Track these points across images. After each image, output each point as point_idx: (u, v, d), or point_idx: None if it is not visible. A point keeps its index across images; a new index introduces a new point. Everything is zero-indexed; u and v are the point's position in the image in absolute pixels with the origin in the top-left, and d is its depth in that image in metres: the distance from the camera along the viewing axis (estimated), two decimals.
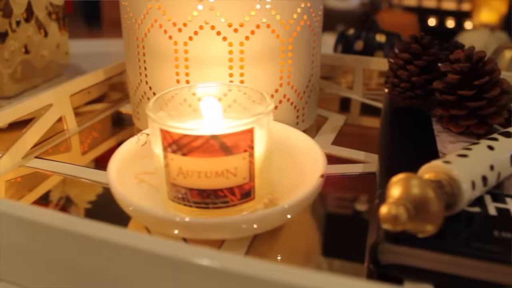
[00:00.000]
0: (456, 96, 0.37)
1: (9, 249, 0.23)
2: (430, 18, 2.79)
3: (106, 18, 2.94)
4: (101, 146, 0.44)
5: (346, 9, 2.45)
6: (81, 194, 0.36)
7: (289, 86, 0.38)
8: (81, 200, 0.35)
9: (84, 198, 0.36)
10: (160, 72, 0.37)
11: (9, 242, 0.23)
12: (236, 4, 0.34)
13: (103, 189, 0.35)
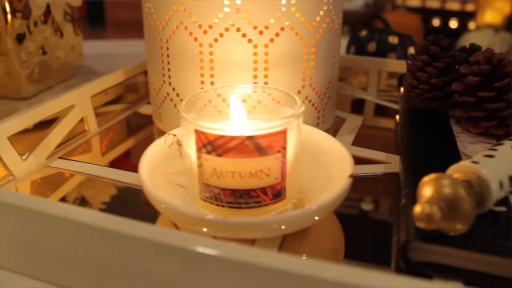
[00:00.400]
0: (476, 97, 0.38)
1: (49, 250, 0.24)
2: (434, 19, 2.80)
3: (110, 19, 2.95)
4: (122, 146, 0.45)
5: (350, 10, 2.46)
6: (104, 194, 0.37)
7: (311, 88, 0.39)
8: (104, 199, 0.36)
9: (107, 197, 0.36)
10: (185, 74, 0.37)
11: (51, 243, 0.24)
12: (262, 7, 0.34)
13: (125, 189, 0.36)
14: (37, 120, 0.39)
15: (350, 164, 0.30)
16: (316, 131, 0.34)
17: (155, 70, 0.40)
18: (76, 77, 0.69)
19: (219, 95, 0.32)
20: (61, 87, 0.65)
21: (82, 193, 0.37)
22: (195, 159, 0.27)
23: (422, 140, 0.37)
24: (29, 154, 0.38)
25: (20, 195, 0.25)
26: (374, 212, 0.36)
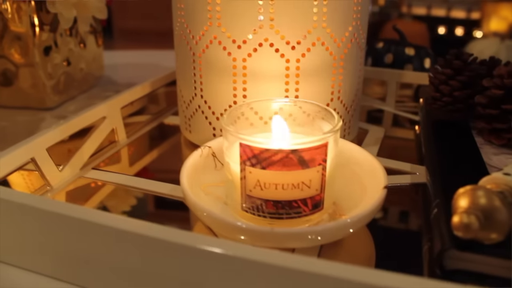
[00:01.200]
0: (499, 110, 0.39)
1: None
2: (440, 27, 2.81)
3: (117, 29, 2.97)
4: (150, 156, 0.46)
5: None
6: (140, 205, 0.38)
7: (338, 101, 0.40)
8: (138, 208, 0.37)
9: (143, 207, 0.37)
10: (217, 87, 0.39)
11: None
12: (295, 23, 0.36)
13: (159, 198, 0.37)
14: (72, 131, 0.40)
15: (383, 176, 0.31)
16: (348, 144, 0.35)
17: (186, 82, 0.42)
18: (96, 87, 0.71)
19: (253, 110, 0.33)
20: (83, 97, 0.66)
21: (114, 202, 0.38)
22: (238, 171, 0.28)
23: (447, 151, 0.38)
24: (65, 165, 0.39)
25: (59, 203, 0.26)
26: (399, 221, 0.37)
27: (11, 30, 0.57)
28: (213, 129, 0.41)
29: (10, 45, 0.57)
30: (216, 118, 0.40)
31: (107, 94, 0.67)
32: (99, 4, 0.56)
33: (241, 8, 0.36)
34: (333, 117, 0.30)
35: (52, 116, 0.59)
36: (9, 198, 0.27)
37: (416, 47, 0.65)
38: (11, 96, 0.60)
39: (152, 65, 0.85)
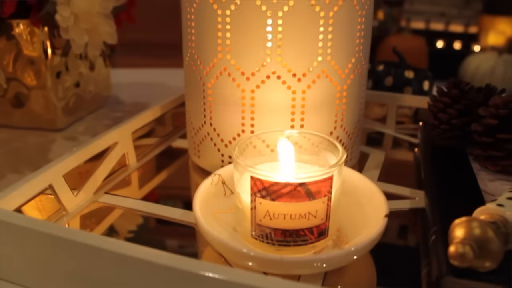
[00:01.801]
0: (494, 138, 0.41)
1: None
2: (438, 41, 2.85)
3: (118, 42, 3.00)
4: (160, 179, 0.48)
5: None
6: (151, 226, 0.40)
7: (341, 129, 0.42)
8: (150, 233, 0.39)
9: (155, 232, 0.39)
10: (226, 116, 0.41)
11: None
12: (301, 56, 0.38)
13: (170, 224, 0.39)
14: (87, 157, 0.42)
15: (384, 204, 0.33)
16: (351, 172, 0.37)
17: (196, 110, 0.44)
18: (104, 108, 0.73)
19: (261, 139, 0.35)
20: (91, 117, 0.68)
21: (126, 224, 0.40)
22: (248, 201, 0.30)
23: (445, 177, 0.40)
24: (79, 190, 0.41)
25: (75, 231, 0.28)
26: (400, 245, 0.39)
27: (24, 54, 0.59)
28: (221, 155, 0.43)
29: (23, 69, 0.59)
30: (225, 145, 0.42)
31: (116, 115, 0.69)
32: (110, 30, 0.58)
33: (250, 42, 0.38)
34: (337, 149, 0.32)
35: (62, 137, 0.61)
36: (28, 226, 0.29)
37: (415, 70, 0.67)
38: (23, 117, 0.62)
39: (158, 84, 0.87)
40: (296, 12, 0.37)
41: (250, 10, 0.37)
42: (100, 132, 0.62)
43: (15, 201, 0.35)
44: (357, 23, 0.40)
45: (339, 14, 0.38)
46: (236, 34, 0.38)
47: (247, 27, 0.37)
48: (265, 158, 0.36)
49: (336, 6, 0.38)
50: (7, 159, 0.55)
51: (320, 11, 0.37)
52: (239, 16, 0.37)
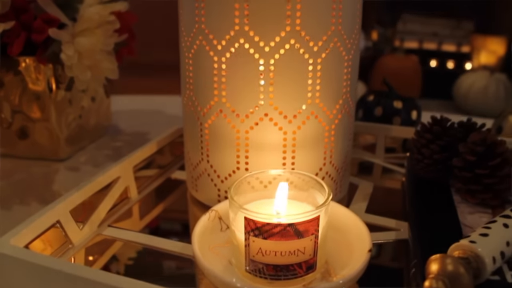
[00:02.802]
0: (473, 173, 0.44)
1: None
2: (432, 60, 2.89)
3: None
4: (160, 211, 0.51)
5: None
6: (151, 257, 0.42)
7: (330, 165, 0.45)
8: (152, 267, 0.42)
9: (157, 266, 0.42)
10: (222, 154, 0.44)
11: None
12: (291, 100, 0.41)
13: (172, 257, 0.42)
14: (91, 193, 0.45)
15: (368, 239, 0.36)
16: (338, 207, 0.40)
17: (194, 147, 0.46)
18: (105, 137, 0.75)
19: (256, 178, 0.38)
20: (93, 147, 0.71)
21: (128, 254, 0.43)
22: (242, 239, 0.33)
23: (428, 210, 0.43)
24: (84, 223, 0.44)
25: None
26: (384, 275, 0.42)
27: (30, 89, 0.62)
28: (218, 190, 0.45)
29: (29, 102, 0.62)
30: (221, 181, 0.45)
31: (116, 145, 0.72)
32: (111, 66, 0.61)
33: (244, 86, 0.41)
34: (324, 190, 0.35)
35: (65, 168, 0.64)
36: (41, 263, 0.31)
37: (404, 100, 0.70)
38: (27, 148, 0.65)
39: (156, 112, 0.90)
40: (287, 60, 0.40)
41: (244, 58, 0.40)
42: (101, 163, 0.65)
43: (25, 237, 0.37)
44: (343, 67, 0.43)
45: (327, 60, 0.41)
46: (231, 79, 0.41)
47: (241, 73, 0.40)
48: (259, 194, 0.39)
49: (323, 53, 0.41)
50: (12, 190, 0.58)
51: (309, 58, 0.40)
52: (234, 63, 0.41)
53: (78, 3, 0.60)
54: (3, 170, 0.63)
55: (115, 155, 0.68)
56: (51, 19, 0.57)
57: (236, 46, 0.40)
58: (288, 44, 0.39)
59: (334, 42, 0.41)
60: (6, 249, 0.34)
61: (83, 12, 0.58)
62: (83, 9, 0.58)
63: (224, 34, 0.40)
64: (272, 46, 0.39)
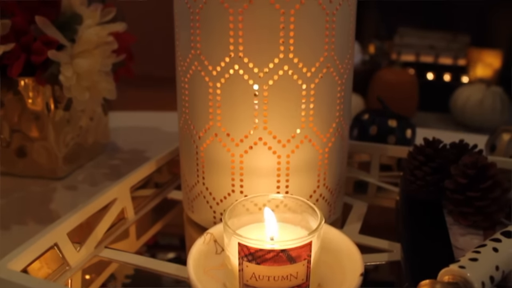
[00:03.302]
0: (464, 196, 0.44)
1: None
2: (428, 73, 2.91)
3: None
4: (156, 231, 0.51)
5: None
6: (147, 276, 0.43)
7: (324, 187, 0.46)
8: None
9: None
10: (217, 178, 0.44)
11: None
12: (285, 124, 0.42)
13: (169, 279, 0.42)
14: (88, 215, 0.45)
15: (360, 262, 0.36)
16: (330, 230, 0.41)
17: (190, 170, 0.47)
18: (103, 155, 0.76)
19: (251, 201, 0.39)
20: (90, 165, 0.72)
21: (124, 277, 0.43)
22: (236, 264, 0.34)
23: (420, 232, 0.44)
24: (81, 245, 0.44)
25: None
26: None
27: (29, 108, 0.62)
28: (213, 212, 0.46)
29: (27, 122, 0.63)
30: (216, 203, 0.45)
31: (113, 163, 0.73)
32: (109, 86, 0.62)
33: (239, 111, 0.42)
34: (317, 215, 0.36)
35: (63, 187, 0.64)
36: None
37: (398, 119, 0.71)
38: (26, 166, 0.66)
39: (153, 129, 0.91)
40: (280, 85, 0.41)
41: (239, 84, 0.41)
42: (99, 181, 0.66)
43: (23, 261, 0.38)
44: (337, 91, 0.44)
45: (320, 86, 0.42)
46: (226, 104, 0.42)
47: (236, 98, 0.41)
48: (253, 217, 0.39)
49: (316, 78, 0.42)
50: (11, 209, 0.58)
51: (302, 84, 0.41)
52: (229, 88, 0.41)
53: (77, 24, 0.61)
54: (1, 189, 0.63)
55: (113, 174, 0.69)
56: (50, 41, 0.58)
57: (231, 72, 0.41)
58: (281, 70, 0.40)
59: (327, 67, 0.42)
60: (3, 273, 0.35)
61: (81, 33, 0.59)
62: (81, 30, 0.59)
63: (219, 60, 0.41)
64: (266, 72, 0.40)
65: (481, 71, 2.89)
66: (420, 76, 2.81)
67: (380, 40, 2.83)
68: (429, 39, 2.92)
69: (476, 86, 2.68)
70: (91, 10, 0.65)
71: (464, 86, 2.72)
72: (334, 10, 0.41)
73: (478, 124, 2.61)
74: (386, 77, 2.50)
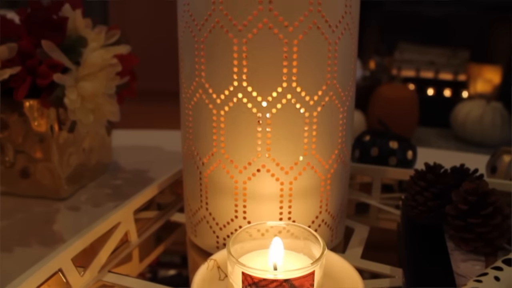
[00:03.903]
0: (465, 222, 0.45)
1: None
2: (429, 89, 2.92)
3: None
4: (160, 255, 0.52)
5: None
6: None
7: (326, 212, 0.46)
8: None
9: None
10: (221, 203, 0.45)
11: None
12: (288, 152, 0.42)
13: None
14: (92, 240, 0.46)
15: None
16: (332, 256, 0.41)
17: (193, 195, 0.47)
18: (105, 174, 0.76)
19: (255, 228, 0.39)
20: (93, 185, 0.72)
21: None
22: None
23: (421, 257, 0.44)
24: (85, 270, 0.44)
25: None
26: None
27: (33, 130, 0.63)
28: (216, 237, 0.46)
29: (31, 143, 0.64)
30: (220, 228, 0.46)
31: (116, 183, 0.73)
32: (113, 109, 0.62)
33: (242, 139, 0.42)
34: (319, 243, 0.36)
35: (66, 207, 0.65)
36: None
37: (399, 140, 0.72)
38: (29, 186, 0.66)
39: (154, 148, 0.91)
40: (283, 114, 0.41)
41: (242, 112, 0.41)
42: (101, 202, 0.66)
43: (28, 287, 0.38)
44: (339, 119, 0.44)
45: (322, 114, 0.43)
46: (229, 131, 0.42)
47: (239, 126, 0.42)
48: (257, 243, 0.40)
49: (319, 106, 0.42)
50: (14, 231, 0.59)
51: (305, 112, 0.42)
52: (233, 116, 0.42)
53: (81, 47, 0.62)
54: (4, 209, 0.64)
55: (115, 195, 0.69)
56: (56, 64, 0.59)
57: (235, 101, 0.41)
58: (284, 99, 0.41)
59: (330, 96, 0.43)
60: None
61: (86, 57, 0.60)
62: (86, 54, 0.60)
63: (223, 89, 0.41)
64: (269, 101, 0.41)
65: (481, 87, 2.91)
66: (420, 92, 2.82)
67: (380, 56, 2.85)
68: (429, 54, 2.93)
69: (476, 101, 2.69)
70: (96, 32, 0.65)
71: (464, 102, 2.74)
72: (336, 39, 0.42)
73: (479, 139, 2.62)
74: (386, 93, 2.51)
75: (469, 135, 2.60)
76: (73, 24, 0.62)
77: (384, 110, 2.41)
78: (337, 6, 0.42)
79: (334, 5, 0.41)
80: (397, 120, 2.47)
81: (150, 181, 0.73)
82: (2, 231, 0.59)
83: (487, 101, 2.61)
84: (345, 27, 0.43)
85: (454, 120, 2.67)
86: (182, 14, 0.44)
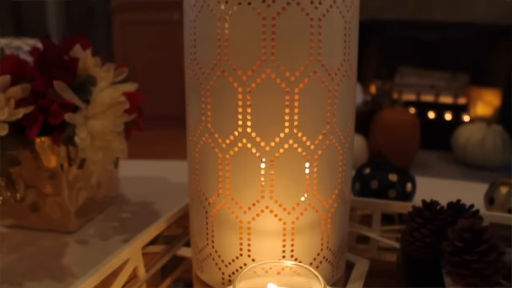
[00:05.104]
0: (461, 258, 0.46)
1: None
2: (429, 112, 2.95)
3: None
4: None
5: None
6: None
7: (327, 249, 0.48)
8: None
9: None
10: (226, 241, 0.47)
11: None
12: (290, 193, 0.44)
13: None
14: (102, 278, 0.47)
15: None
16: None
17: (200, 233, 0.49)
18: (112, 207, 0.78)
19: (259, 266, 0.41)
20: (100, 218, 0.74)
21: None
22: None
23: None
24: None
25: None
26: None
27: (44, 165, 0.65)
28: (222, 273, 0.48)
29: (42, 178, 0.66)
30: (225, 265, 0.48)
31: (123, 216, 0.75)
32: (121, 146, 0.65)
33: (246, 182, 0.44)
34: (320, 281, 0.38)
35: (74, 241, 0.67)
36: None
37: (399, 173, 0.74)
38: (38, 220, 0.68)
39: (160, 179, 0.94)
40: (285, 158, 0.43)
41: (247, 156, 0.44)
42: (109, 236, 0.68)
43: None
44: (339, 160, 0.47)
45: (322, 157, 0.45)
46: (234, 175, 0.44)
47: (244, 169, 0.44)
48: (260, 280, 0.42)
49: (319, 150, 0.44)
50: (23, 265, 0.60)
51: (306, 156, 0.44)
52: (237, 160, 0.44)
53: (91, 85, 0.64)
54: (14, 243, 0.66)
55: (123, 228, 0.71)
56: (67, 104, 0.61)
57: (240, 145, 0.44)
58: (286, 144, 0.43)
59: (330, 139, 0.45)
60: None
61: (95, 96, 0.62)
62: (95, 93, 0.62)
63: (228, 134, 0.44)
64: (272, 146, 0.43)
65: (481, 110, 2.93)
66: (421, 115, 2.85)
67: (381, 80, 2.88)
68: (430, 78, 2.97)
69: (477, 124, 2.71)
70: (104, 70, 0.68)
71: (465, 125, 2.76)
72: (335, 86, 0.44)
73: (480, 162, 2.64)
74: (387, 117, 2.53)
75: (470, 158, 2.62)
76: (83, 64, 0.65)
77: (385, 134, 2.43)
78: (336, 55, 0.44)
79: (333, 54, 0.44)
80: (399, 144, 2.50)
81: (156, 214, 0.75)
82: (12, 264, 0.60)
83: (488, 124, 2.63)
84: (344, 74, 0.45)
85: (455, 143, 2.69)
86: (189, 62, 0.47)
